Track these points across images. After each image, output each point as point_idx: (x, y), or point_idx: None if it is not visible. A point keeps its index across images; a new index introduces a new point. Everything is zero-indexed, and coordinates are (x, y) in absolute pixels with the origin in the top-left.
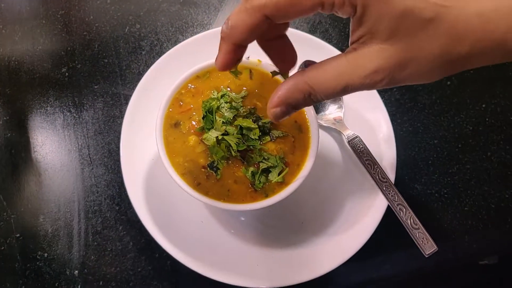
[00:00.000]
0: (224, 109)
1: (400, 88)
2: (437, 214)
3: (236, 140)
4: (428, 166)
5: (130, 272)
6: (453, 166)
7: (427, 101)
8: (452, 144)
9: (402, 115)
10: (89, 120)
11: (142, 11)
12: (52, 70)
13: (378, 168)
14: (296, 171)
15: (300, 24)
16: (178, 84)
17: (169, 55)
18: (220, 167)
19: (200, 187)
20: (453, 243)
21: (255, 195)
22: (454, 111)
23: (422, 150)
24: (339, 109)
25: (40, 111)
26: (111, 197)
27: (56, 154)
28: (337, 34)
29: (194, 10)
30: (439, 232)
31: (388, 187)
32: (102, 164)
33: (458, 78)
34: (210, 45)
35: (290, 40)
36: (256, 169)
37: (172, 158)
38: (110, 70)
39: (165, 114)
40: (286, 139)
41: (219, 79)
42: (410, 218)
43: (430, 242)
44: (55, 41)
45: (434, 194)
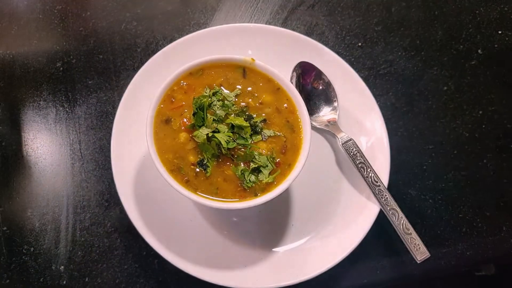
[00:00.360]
0: (216, 107)
1: (396, 92)
2: (431, 220)
3: (226, 138)
4: (423, 172)
5: (117, 269)
6: (448, 172)
7: (423, 106)
8: (448, 150)
9: (397, 119)
10: (82, 115)
11: (140, 8)
12: (46, 64)
13: (371, 171)
14: (287, 172)
15: (297, 26)
16: (170, 80)
17: (164, 53)
18: (209, 164)
19: (189, 184)
20: (447, 250)
21: (244, 194)
22: (450, 117)
23: (417, 155)
24: (333, 111)
25: (33, 105)
26: (100, 193)
27: (47, 148)
28: (334, 37)
29: (191, 9)
30: (432, 239)
31: (380, 191)
32: (93, 159)
33: (455, 83)
34: (205, 43)
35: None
36: (246, 168)
37: (162, 154)
38: (104, 66)
39: (156, 110)
40: (278, 138)
41: (212, 77)
42: (403, 223)
43: (422, 248)
44: (51, 36)
45: (428, 200)
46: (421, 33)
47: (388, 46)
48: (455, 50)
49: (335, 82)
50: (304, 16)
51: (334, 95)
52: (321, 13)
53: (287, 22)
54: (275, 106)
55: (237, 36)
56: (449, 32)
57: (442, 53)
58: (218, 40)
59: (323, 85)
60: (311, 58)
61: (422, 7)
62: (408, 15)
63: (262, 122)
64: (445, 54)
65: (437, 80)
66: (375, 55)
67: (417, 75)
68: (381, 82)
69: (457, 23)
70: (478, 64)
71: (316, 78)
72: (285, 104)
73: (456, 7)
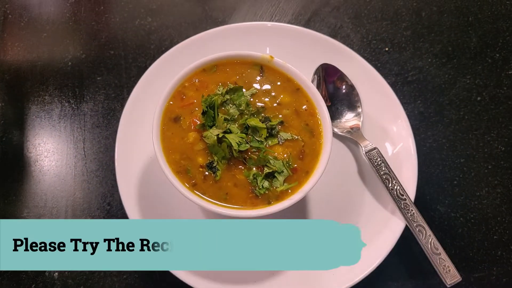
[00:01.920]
0: (229, 106)
1: (425, 100)
2: (462, 240)
3: (238, 139)
4: (453, 187)
5: (115, 279)
6: (482, 188)
7: (454, 116)
8: (481, 164)
9: (425, 129)
10: (88, 112)
11: (155, 4)
12: (55, 58)
13: (397, 183)
14: (304, 179)
15: (320, 28)
16: (182, 75)
17: (177, 49)
18: (219, 167)
19: (196, 188)
20: (479, 275)
21: (256, 201)
22: (484, 129)
23: (447, 169)
24: (357, 117)
25: (37, 99)
26: (102, 195)
27: (49, 145)
28: (359, 40)
29: (210, 6)
30: (463, 261)
31: (406, 205)
32: (97, 159)
33: (490, 94)
34: (221, 41)
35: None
36: (260, 172)
37: (168, 154)
38: (115, 62)
39: (165, 107)
40: (296, 143)
41: (227, 74)
42: (431, 242)
43: (453, 270)
44: (61, 29)
45: (459, 218)
46: (453, 40)
47: (417, 52)
48: (490, 59)
49: (359, 86)
50: (328, 18)
51: (358, 100)
52: (347, 15)
53: (309, 24)
54: (293, 108)
55: (255, 35)
56: (484, 40)
57: (476, 61)
58: (235, 38)
59: (346, 89)
60: (334, 61)
61: (455, 13)
62: (439, 20)
63: (279, 124)
64: (480, 62)
65: (470, 89)
66: (403, 61)
67: (448, 84)
68: (408, 89)
69: (493, 30)
70: None
71: (339, 81)
72: (305, 105)
73: (492, 13)
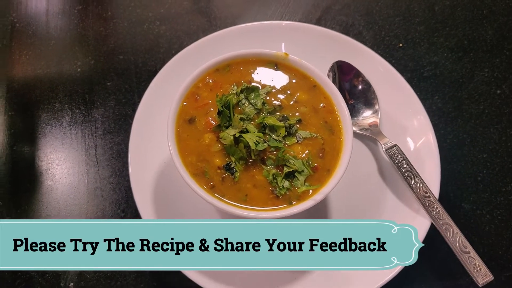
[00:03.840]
0: (244, 105)
1: (442, 96)
2: (489, 238)
3: (256, 138)
4: (477, 183)
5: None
6: (507, 184)
7: (474, 110)
8: (505, 159)
9: (445, 125)
10: (99, 118)
11: (164, 8)
12: (63, 65)
13: (420, 181)
14: (326, 178)
15: (332, 26)
16: (195, 76)
17: (188, 51)
18: (237, 169)
19: (214, 190)
20: (511, 274)
21: (277, 202)
22: (505, 123)
23: (470, 165)
24: (374, 115)
25: (47, 107)
26: (116, 202)
27: (60, 153)
28: (372, 37)
29: (218, 8)
30: (492, 260)
31: (431, 203)
32: (109, 165)
33: (510, 87)
34: (233, 42)
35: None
36: (279, 172)
37: (185, 156)
38: (125, 67)
39: (179, 109)
40: (315, 141)
41: (241, 73)
42: (459, 240)
43: (484, 269)
44: (70, 36)
45: (485, 215)
46: (468, 33)
47: (432, 47)
48: (508, 51)
49: (375, 83)
50: (339, 16)
51: (375, 97)
52: (358, 13)
53: (320, 22)
54: (311, 105)
55: (268, 34)
56: (500, 32)
57: (493, 54)
58: (247, 38)
59: (362, 86)
60: (349, 58)
61: (468, 6)
62: (453, 14)
63: (297, 123)
64: (497, 55)
65: (489, 83)
66: (418, 56)
67: (466, 78)
68: (425, 85)
69: (509, 22)
70: None
71: (355, 78)
72: (322, 103)
73: (506, 5)
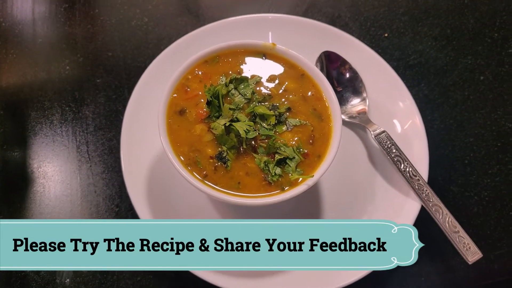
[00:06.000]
0: (234, 96)
1: (428, 83)
2: (478, 219)
3: (246, 127)
4: (465, 167)
5: (128, 281)
6: (493, 166)
7: (459, 96)
8: (490, 142)
9: (432, 111)
10: (89, 115)
11: (151, 4)
12: (52, 63)
13: (409, 165)
14: (317, 163)
15: (318, 18)
16: (184, 68)
17: (177, 45)
18: (229, 157)
19: (208, 179)
20: (499, 252)
21: (269, 188)
22: (490, 108)
23: (457, 149)
24: (362, 102)
25: (37, 105)
26: (110, 197)
27: (51, 150)
28: (358, 28)
29: (205, 3)
30: (482, 240)
31: (420, 186)
32: (102, 161)
33: (493, 72)
34: (221, 35)
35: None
36: (271, 159)
37: (176, 147)
38: (113, 63)
39: (170, 100)
40: (305, 128)
41: (229, 64)
42: (448, 220)
43: (473, 247)
44: (57, 34)
45: (473, 197)
46: (451, 22)
47: (416, 36)
48: (489, 38)
49: (362, 72)
50: (325, 8)
51: (362, 85)
52: (343, 4)
53: (307, 15)
54: (300, 93)
55: (255, 27)
56: (481, 20)
57: (475, 42)
58: (235, 32)
59: (349, 75)
60: (336, 48)
61: None
62: (436, 4)
63: (287, 111)
64: (479, 43)
65: (472, 69)
66: (403, 45)
67: (450, 65)
68: (411, 73)
69: (490, 11)
70: None
71: (342, 67)
72: (311, 91)
73: None
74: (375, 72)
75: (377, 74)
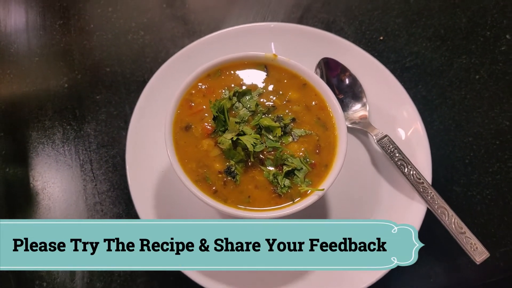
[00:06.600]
0: (238, 109)
1: (425, 84)
2: (482, 218)
3: (253, 140)
4: (466, 166)
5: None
6: (493, 164)
7: (456, 96)
8: (489, 141)
9: (431, 112)
10: (91, 133)
11: (146, 17)
12: (49, 81)
13: (412, 168)
14: (324, 172)
15: (314, 24)
16: (187, 83)
17: (176, 59)
18: (238, 171)
19: (217, 195)
20: (505, 249)
21: (280, 200)
22: (487, 106)
23: (457, 149)
24: (363, 108)
25: (37, 125)
26: (117, 216)
27: (55, 171)
28: (353, 32)
29: (201, 14)
30: (487, 238)
31: (425, 189)
32: (106, 179)
33: (488, 71)
34: (220, 46)
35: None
36: (279, 171)
37: (184, 164)
38: (112, 79)
39: (174, 117)
40: (310, 138)
41: (232, 77)
42: (454, 222)
43: (480, 247)
44: (53, 51)
45: (475, 196)
46: (444, 22)
47: (411, 37)
48: (482, 37)
49: (361, 77)
50: (320, 14)
51: (362, 91)
52: (338, 9)
53: (302, 21)
54: (303, 103)
55: (253, 36)
56: (473, 19)
57: (469, 41)
58: (234, 42)
59: (349, 81)
60: (334, 54)
61: None
62: (428, 5)
63: (291, 122)
64: (473, 42)
65: (467, 69)
66: (398, 48)
67: (446, 65)
68: (408, 75)
69: (480, 9)
70: (508, 49)
71: (342, 74)
72: (314, 100)
73: None
74: (374, 76)
75: (375, 79)
